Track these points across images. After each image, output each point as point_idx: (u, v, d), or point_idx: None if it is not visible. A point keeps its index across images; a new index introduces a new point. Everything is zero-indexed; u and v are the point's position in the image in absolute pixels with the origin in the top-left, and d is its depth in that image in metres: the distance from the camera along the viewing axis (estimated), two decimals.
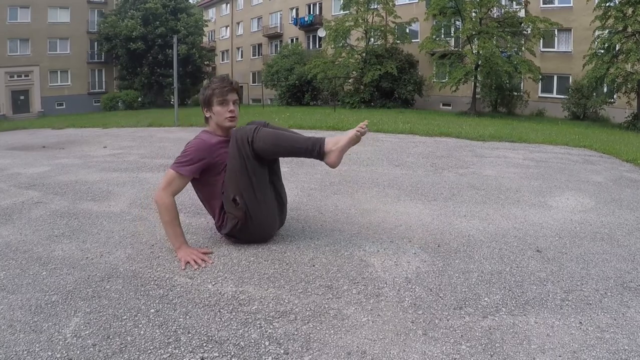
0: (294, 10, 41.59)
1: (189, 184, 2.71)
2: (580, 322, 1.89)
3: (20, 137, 11.16)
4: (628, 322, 1.90)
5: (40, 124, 17.06)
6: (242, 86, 45.18)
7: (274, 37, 44.02)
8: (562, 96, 24.79)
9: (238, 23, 49.27)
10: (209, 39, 50.71)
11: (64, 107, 38.12)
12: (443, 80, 24.79)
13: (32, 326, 1.82)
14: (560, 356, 1.65)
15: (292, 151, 2.61)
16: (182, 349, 1.67)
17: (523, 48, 23.25)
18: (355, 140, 2.55)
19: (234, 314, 1.94)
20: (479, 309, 1.99)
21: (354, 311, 1.97)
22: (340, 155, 2.55)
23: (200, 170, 2.63)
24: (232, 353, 1.66)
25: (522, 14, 23.83)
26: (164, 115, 19.59)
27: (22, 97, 37.19)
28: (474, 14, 23.18)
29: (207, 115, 2.78)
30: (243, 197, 2.56)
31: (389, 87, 27.96)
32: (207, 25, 45.31)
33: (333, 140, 2.56)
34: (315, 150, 2.54)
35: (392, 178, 4.91)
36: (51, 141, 9.33)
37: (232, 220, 2.63)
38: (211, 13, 53.29)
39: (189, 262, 2.44)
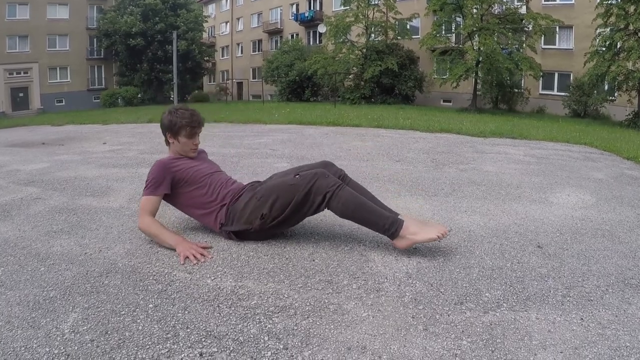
0: (294, 6, 41.59)
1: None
2: (582, 318, 1.88)
3: (19, 133, 11.16)
4: (629, 318, 1.90)
5: (40, 121, 17.06)
6: (241, 82, 45.24)
7: (274, 32, 44.04)
8: (563, 93, 24.81)
9: (238, 19, 49.30)
10: (208, 34, 50.66)
11: (63, 103, 38.14)
12: (444, 77, 24.85)
13: (30, 322, 1.81)
14: (561, 352, 1.64)
15: (366, 223, 2.52)
16: (181, 344, 1.66)
17: (524, 45, 23.26)
18: (432, 241, 2.47)
19: (233, 308, 1.93)
20: (479, 305, 1.98)
21: (354, 306, 1.96)
22: (410, 246, 2.46)
23: (169, 187, 2.73)
24: (231, 348, 1.65)
25: (523, 10, 23.82)
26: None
27: (21, 94, 37.20)
28: (475, 10, 23.15)
29: (171, 141, 2.89)
30: (273, 221, 2.57)
31: (389, 83, 27.96)
32: (206, 21, 45.27)
33: (412, 228, 2.42)
34: (390, 231, 2.44)
35: (392, 173, 4.90)
36: (51, 138, 9.32)
37: (245, 224, 2.63)
38: (211, 9, 53.30)
39: (188, 257, 2.43)
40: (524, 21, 23.43)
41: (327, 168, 2.77)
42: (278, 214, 2.54)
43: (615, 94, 20.79)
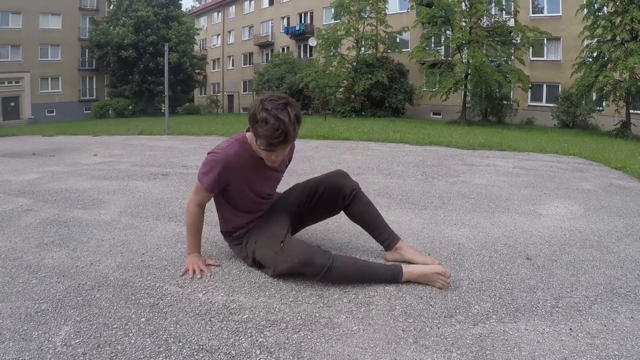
0: (285, 20, 41.85)
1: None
2: (571, 329, 1.90)
3: (9, 144, 11.09)
4: (618, 327, 1.92)
5: (31, 131, 16.98)
6: (232, 95, 45.10)
7: (265, 45, 44.22)
8: (552, 104, 25.08)
9: (229, 31, 49.48)
10: (200, 47, 50.82)
11: (54, 114, 38.01)
12: (433, 89, 24.97)
13: (22, 335, 1.80)
14: None
15: (369, 280, 2.38)
16: (173, 358, 1.66)
17: (513, 57, 23.49)
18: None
19: (224, 322, 1.93)
20: (469, 317, 2.00)
21: (345, 320, 1.97)
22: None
23: (219, 188, 2.45)
24: None
25: (511, 23, 24.08)
26: (155, 123, 19.53)
27: (12, 104, 37.03)
28: (463, 23, 23.38)
29: (253, 136, 2.32)
30: (262, 267, 2.47)
31: (379, 96, 28.12)
32: (198, 34, 45.41)
33: (408, 273, 2.35)
34: (394, 282, 2.35)
35: (382, 187, 4.92)
36: (41, 148, 9.28)
37: (243, 255, 2.58)
38: (203, 21, 53.45)
39: (187, 270, 2.44)
40: (512, 34, 23.71)
41: (340, 178, 2.66)
42: (266, 268, 2.42)
43: (603, 104, 21.01)
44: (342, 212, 2.76)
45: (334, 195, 2.65)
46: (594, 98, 20.92)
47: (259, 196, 2.58)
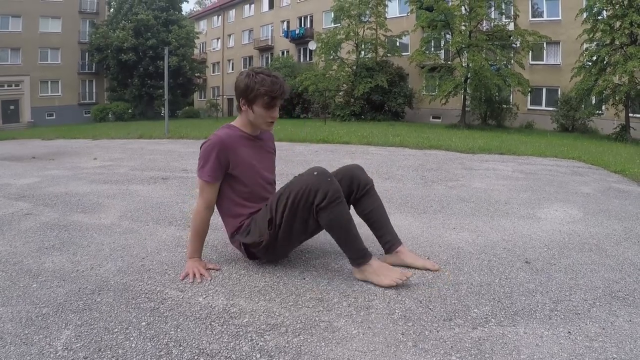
0: (285, 23, 41.93)
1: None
2: (569, 332, 1.91)
3: (9, 147, 11.09)
4: (616, 331, 1.92)
5: (30, 135, 16.99)
6: (232, 98, 45.15)
7: (265, 49, 44.29)
8: (551, 108, 25.12)
9: (229, 35, 49.59)
10: (200, 50, 50.91)
11: (54, 117, 38.10)
12: (433, 93, 25.03)
13: (23, 339, 1.81)
14: None
15: (340, 244, 2.43)
16: None
17: (512, 61, 23.53)
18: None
19: (225, 326, 1.94)
20: (468, 320, 2.01)
21: (345, 323, 1.97)
22: (363, 280, 2.41)
23: (224, 172, 2.53)
24: None
25: (511, 27, 24.14)
26: (155, 127, 19.54)
27: (12, 107, 37.12)
28: (463, 27, 23.44)
29: (244, 109, 2.55)
30: (280, 227, 2.42)
31: (379, 99, 28.17)
32: (198, 37, 45.52)
33: (374, 267, 2.39)
34: (354, 262, 2.41)
35: (381, 191, 4.90)
36: (41, 152, 9.28)
37: (257, 236, 2.50)
38: (202, 25, 53.59)
39: (188, 274, 2.44)
40: (512, 37, 23.75)
41: (357, 170, 2.70)
42: (281, 215, 2.39)
43: (603, 108, 21.05)
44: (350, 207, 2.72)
45: (349, 185, 2.66)
46: (594, 102, 20.97)
47: (261, 178, 2.66)
